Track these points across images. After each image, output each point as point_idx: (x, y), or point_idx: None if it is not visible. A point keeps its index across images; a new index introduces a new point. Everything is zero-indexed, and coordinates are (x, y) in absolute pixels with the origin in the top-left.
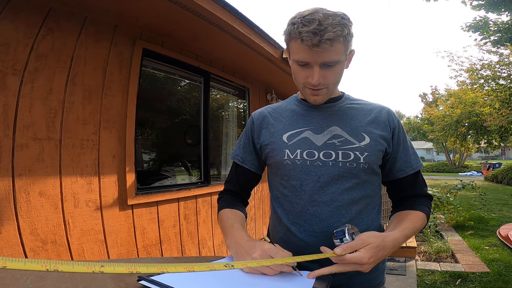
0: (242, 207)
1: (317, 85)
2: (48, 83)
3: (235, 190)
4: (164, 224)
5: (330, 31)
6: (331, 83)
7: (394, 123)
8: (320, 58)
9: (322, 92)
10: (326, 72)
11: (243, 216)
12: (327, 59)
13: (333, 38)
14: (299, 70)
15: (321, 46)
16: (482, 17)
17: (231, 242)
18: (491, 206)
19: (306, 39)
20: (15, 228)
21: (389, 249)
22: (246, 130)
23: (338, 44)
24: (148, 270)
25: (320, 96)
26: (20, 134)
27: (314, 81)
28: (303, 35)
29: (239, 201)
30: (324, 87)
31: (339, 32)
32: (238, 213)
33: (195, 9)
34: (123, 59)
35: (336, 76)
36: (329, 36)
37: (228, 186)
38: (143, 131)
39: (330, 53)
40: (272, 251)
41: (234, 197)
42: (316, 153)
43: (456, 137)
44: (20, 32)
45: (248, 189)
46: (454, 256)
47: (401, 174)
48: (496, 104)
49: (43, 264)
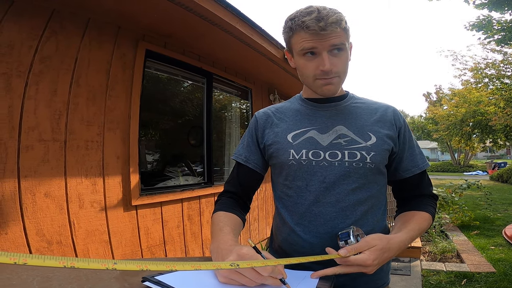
0: (240, 212)
1: (329, 72)
2: (53, 84)
3: (236, 191)
4: (168, 224)
5: (332, 16)
6: (341, 72)
7: (400, 122)
8: (328, 41)
9: (335, 80)
10: (335, 59)
11: (238, 221)
12: (335, 42)
13: (337, 21)
14: (307, 62)
15: (328, 28)
16: (485, 16)
17: (213, 246)
18: (496, 205)
19: (312, 25)
20: (21, 229)
21: (394, 251)
22: (249, 129)
23: (342, 29)
24: (157, 268)
25: (333, 85)
26: (26, 135)
27: (326, 67)
28: (307, 23)
29: (237, 205)
30: (336, 76)
31: (340, 17)
32: (232, 217)
33: (197, 10)
34: (126, 61)
35: (344, 65)
36: (333, 19)
37: (228, 187)
38: (147, 132)
39: (338, 37)
40: (247, 257)
41: (233, 201)
42: (322, 153)
43: (461, 136)
44: (24, 34)
45: (249, 191)
46: (459, 256)
47: (407, 173)
48: (501, 103)
49: (61, 261)
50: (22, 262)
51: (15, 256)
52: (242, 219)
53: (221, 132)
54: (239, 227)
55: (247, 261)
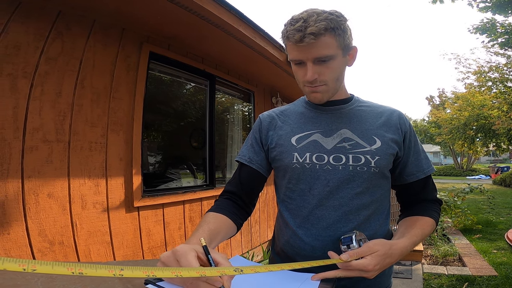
0: (234, 214)
1: (313, 82)
2: (58, 86)
3: (236, 191)
4: (170, 226)
5: (312, 25)
6: (329, 79)
7: (406, 126)
8: (310, 53)
9: (321, 89)
10: (321, 68)
11: (224, 223)
12: (317, 54)
13: (316, 32)
14: (297, 69)
15: (305, 41)
16: (489, 19)
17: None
18: (499, 209)
19: (291, 36)
20: (24, 229)
21: (397, 257)
22: (253, 131)
23: (325, 38)
24: (163, 274)
25: (319, 93)
26: (30, 136)
27: (307, 77)
28: (289, 33)
29: (233, 207)
30: (322, 84)
31: (322, 26)
32: (220, 218)
33: (200, 12)
34: (130, 62)
35: (333, 72)
36: (311, 30)
37: (228, 187)
38: (149, 133)
39: (318, 48)
40: (178, 252)
41: (231, 202)
42: (326, 157)
43: (464, 140)
44: (30, 35)
45: (251, 193)
46: (461, 259)
47: (411, 178)
48: (504, 107)
49: (69, 267)
50: (31, 269)
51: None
52: (234, 221)
53: (223, 134)
54: (225, 229)
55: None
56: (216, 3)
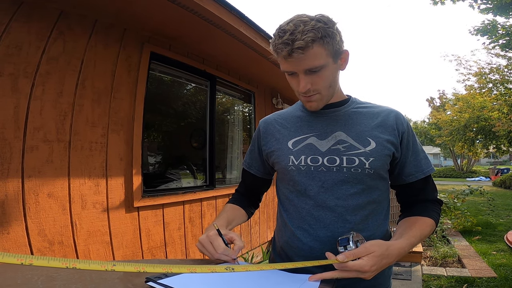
0: (247, 205)
1: (306, 92)
2: (59, 85)
3: (243, 192)
4: (169, 226)
5: (299, 39)
6: (322, 88)
7: (403, 127)
8: (300, 66)
9: (315, 98)
10: (313, 78)
11: (239, 212)
12: (307, 66)
13: (304, 46)
14: (290, 79)
15: (293, 55)
16: (490, 20)
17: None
18: (499, 211)
19: (279, 51)
20: (23, 229)
21: (394, 258)
22: (253, 138)
23: (314, 49)
24: (154, 270)
25: (314, 102)
26: (31, 136)
27: (300, 88)
28: (277, 47)
29: (245, 201)
30: (316, 93)
31: (309, 38)
32: (236, 208)
33: (201, 12)
34: (132, 63)
35: (325, 81)
36: (299, 44)
37: (238, 188)
38: (150, 134)
39: (307, 60)
40: (211, 237)
41: (242, 197)
42: (320, 159)
43: (464, 142)
44: (32, 35)
45: (255, 193)
46: (460, 261)
47: (410, 178)
48: (505, 108)
49: (64, 262)
50: (28, 263)
51: (21, 258)
52: (246, 211)
53: (223, 135)
54: (239, 216)
55: (242, 265)
56: (217, 3)
